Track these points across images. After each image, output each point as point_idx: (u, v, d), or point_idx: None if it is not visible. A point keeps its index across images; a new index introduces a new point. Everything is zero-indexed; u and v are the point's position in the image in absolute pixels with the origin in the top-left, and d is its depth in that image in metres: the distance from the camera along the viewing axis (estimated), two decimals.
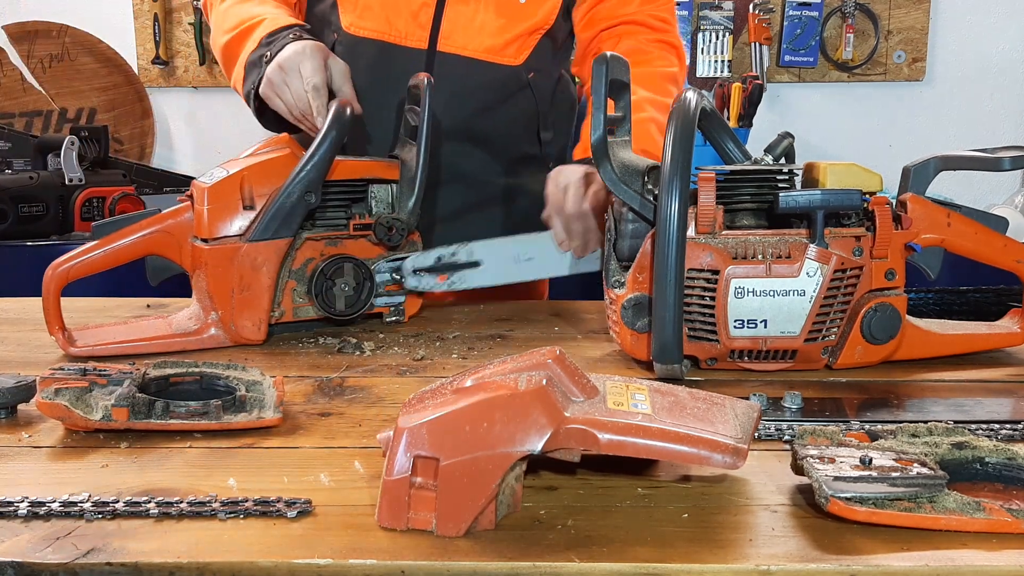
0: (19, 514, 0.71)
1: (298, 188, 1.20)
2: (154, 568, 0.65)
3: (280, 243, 1.21)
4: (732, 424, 0.74)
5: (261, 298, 1.21)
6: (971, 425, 0.90)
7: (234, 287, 1.20)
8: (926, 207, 1.10)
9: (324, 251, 1.27)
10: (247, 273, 1.20)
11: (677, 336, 1.01)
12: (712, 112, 1.17)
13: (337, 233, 1.27)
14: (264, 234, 1.20)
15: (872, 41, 3.33)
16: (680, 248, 0.99)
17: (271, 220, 1.20)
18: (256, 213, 1.20)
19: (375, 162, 1.33)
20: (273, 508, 0.72)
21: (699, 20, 3.32)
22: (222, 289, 1.20)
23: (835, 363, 1.08)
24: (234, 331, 1.21)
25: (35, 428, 0.92)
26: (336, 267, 1.26)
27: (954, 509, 0.69)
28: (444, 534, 0.69)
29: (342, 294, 1.27)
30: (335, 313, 1.27)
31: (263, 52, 1.40)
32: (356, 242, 1.29)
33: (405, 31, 1.51)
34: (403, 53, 1.51)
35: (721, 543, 0.68)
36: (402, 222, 1.28)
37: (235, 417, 0.91)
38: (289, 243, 1.22)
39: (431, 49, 1.51)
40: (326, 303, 1.26)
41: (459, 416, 0.69)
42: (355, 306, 1.29)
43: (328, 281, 1.26)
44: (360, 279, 1.29)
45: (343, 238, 1.28)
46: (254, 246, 1.20)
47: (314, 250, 1.26)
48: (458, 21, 1.51)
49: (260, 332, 1.22)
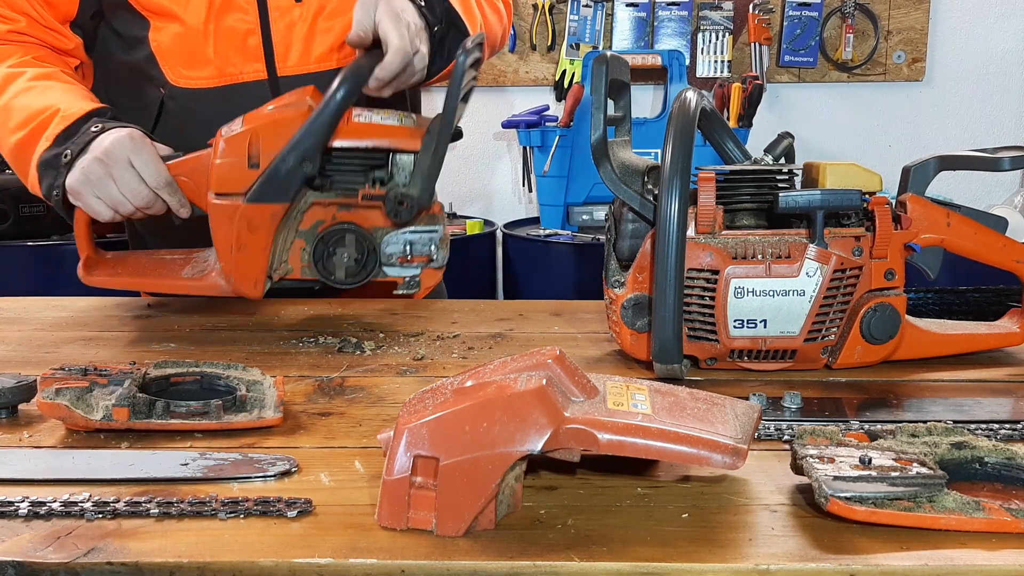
0: (20, 514, 0.71)
1: (292, 156, 1.17)
2: (154, 568, 0.65)
3: (276, 207, 1.18)
4: (732, 424, 0.74)
5: (257, 258, 1.20)
6: (970, 425, 0.90)
7: (232, 244, 1.19)
8: (926, 207, 1.10)
9: (337, 215, 1.23)
10: (243, 233, 1.19)
11: (677, 336, 1.01)
12: (712, 112, 1.17)
13: (348, 200, 1.23)
14: (260, 198, 1.18)
15: (872, 41, 3.34)
16: (680, 248, 0.99)
17: (266, 184, 1.17)
18: (259, 173, 1.18)
19: (398, 127, 1.23)
20: (273, 508, 0.72)
21: (699, 20, 3.32)
22: (223, 244, 1.20)
23: (835, 363, 1.08)
24: (233, 284, 1.22)
25: (36, 428, 0.92)
26: (338, 236, 1.23)
27: (953, 509, 0.69)
28: (444, 534, 0.69)
29: (342, 264, 1.24)
30: (335, 282, 1.24)
31: (61, 150, 1.26)
32: (370, 210, 1.24)
33: (240, 67, 1.42)
34: (244, 90, 1.41)
35: (721, 543, 0.68)
36: (413, 198, 1.21)
37: (235, 417, 0.91)
38: (285, 208, 1.19)
39: (272, 77, 1.43)
40: (326, 271, 1.24)
41: (459, 416, 0.69)
42: (357, 276, 1.25)
43: (329, 249, 1.23)
44: (364, 251, 1.25)
45: (355, 205, 1.23)
46: (251, 207, 1.18)
47: (326, 213, 1.23)
48: (288, 39, 1.42)
49: (257, 289, 1.22)
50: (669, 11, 3.31)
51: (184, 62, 1.42)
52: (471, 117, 3.32)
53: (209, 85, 1.42)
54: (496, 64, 3.34)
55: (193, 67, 1.42)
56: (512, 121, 3.01)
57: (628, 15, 3.32)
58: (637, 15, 3.31)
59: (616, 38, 3.33)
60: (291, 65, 1.43)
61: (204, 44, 1.40)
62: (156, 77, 1.44)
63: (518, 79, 3.37)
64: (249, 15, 1.40)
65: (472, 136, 3.27)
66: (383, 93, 1.28)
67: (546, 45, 3.33)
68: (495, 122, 3.24)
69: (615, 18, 3.32)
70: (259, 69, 1.42)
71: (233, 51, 1.41)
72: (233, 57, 1.41)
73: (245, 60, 1.42)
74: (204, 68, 1.42)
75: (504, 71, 3.36)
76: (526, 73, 3.36)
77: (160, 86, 1.44)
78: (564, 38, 3.31)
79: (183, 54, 1.42)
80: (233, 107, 1.34)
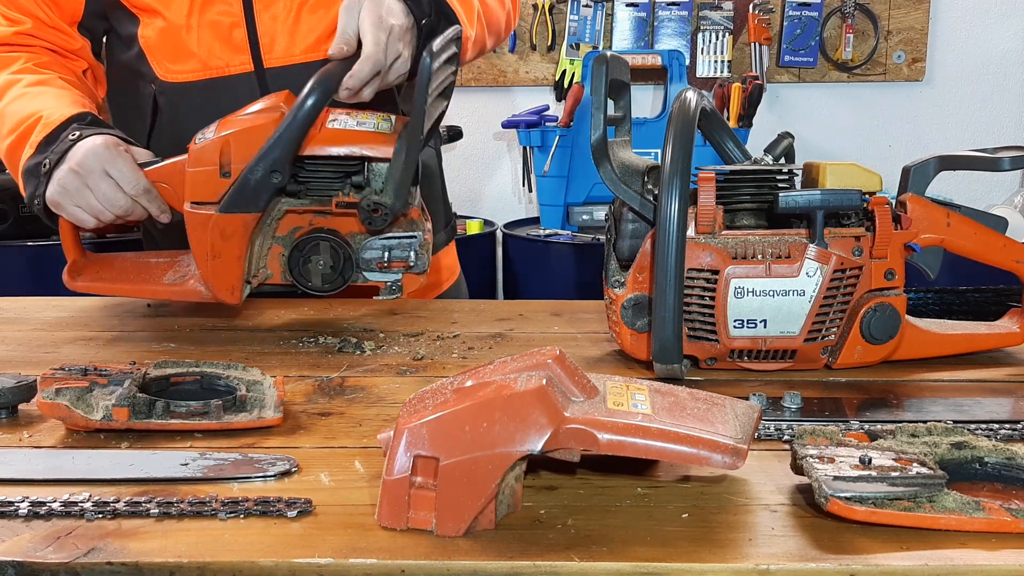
0: (20, 514, 0.72)
1: (261, 167, 1.15)
2: (154, 568, 0.65)
3: (247, 217, 1.17)
4: (732, 424, 0.74)
5: (232, 265, 1.19)
6: (970, 425, 0.90)
7: (208, 252, 1.19)
8: (926, 207, 1.10)
9: (313, 221, 1.22)
10: (217, 242, 1.18)
11: (677, 336, 1.01)
12: (712, 112, 1.17)
13: (323, 207, 1.21)
14: (231, 208, 1.17)
15: (872, 41, 3.33)
16: (680, 248, 0.99)
17: (236, 195, 1.16)
18: (230, 182, 1.17)
19: (371, 133, 1.21)
20: (273, 508, 0.72)
21: (699, 20, 3.32)
22: (199, 251, 1.19)
23: (835, 363, 1.08)
24: (211, 290, 1.21)
25: (36, 428, 0.92)
26: (312, 244, 1.22)
27: (953, 509, 0.69)
28: (444, 534, 0.69)
29: (318, 271, 1.23)
30: (311, 288, 1.23)
31: (41, 159, 1.27)
32: (346, 216, 1.22)
33: (226, 60, 1.41)
34: (231, 84, 1.41)
35: (721, 543, 0.68)
36: (386, 206, 1.18)
37: (235, 417, 0.91)
38: (257, 218, 1.18)
39: (258, 69, 1.42)
40: (302, 278, 1.23)
41: (459, 416, 0.69)
42: (333, 283, 1.23)
43: (304, 256, 1.22)
44: (340, 257, 1.23)
45: (331, 212, 1.22)
46: (223, 217, 1.17)
47: (302, 219, 1.22)
48: (273, 30, 1.41)
49: (234, 296, 1.21)
50: (669, 11, 3.31)
51: (169, 56, 1.43)
52: (471, 117, 3.32)
53: (195, 79, 1.43)
54: (496, 64, 3.34)
55: (178, 61, 1.42)
56: (512, 121, 3.01)
57: (628, 15, 3.32)
58: (637, 15, 3.31)
59: (616, 38, 3.33)
60: (277, 57, 1.42)
61: (187, 38, 1.41)
62: (147, 73, 1.45)
63: (518, 79, 3.37)
64: (233, 7, 1.41)
65: (472, 136, 3.27)
66: (360, 99, 1.26)
67: (546, 45, 3.33)
68: (495, 122, 3.24)
69: (615, 18, 3.32)
70: (245, 61, 1.42)
71: (218, 44, 1.41)
72: (218, 50, 1.42)
73: (231, 53, 1.42)
74: (188, 61, 1.42)
75: (504, 71, 3.36)
76: (526, 73, 3.36)
77: (151, 82, 1.45)
78: (564, 38, 3.31)
79: (168, 48, 1.42)
80: (221, 100, 1.36)
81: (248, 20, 1.41)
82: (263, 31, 1.42)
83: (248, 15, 1.41)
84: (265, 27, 1.42)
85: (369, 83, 1.24)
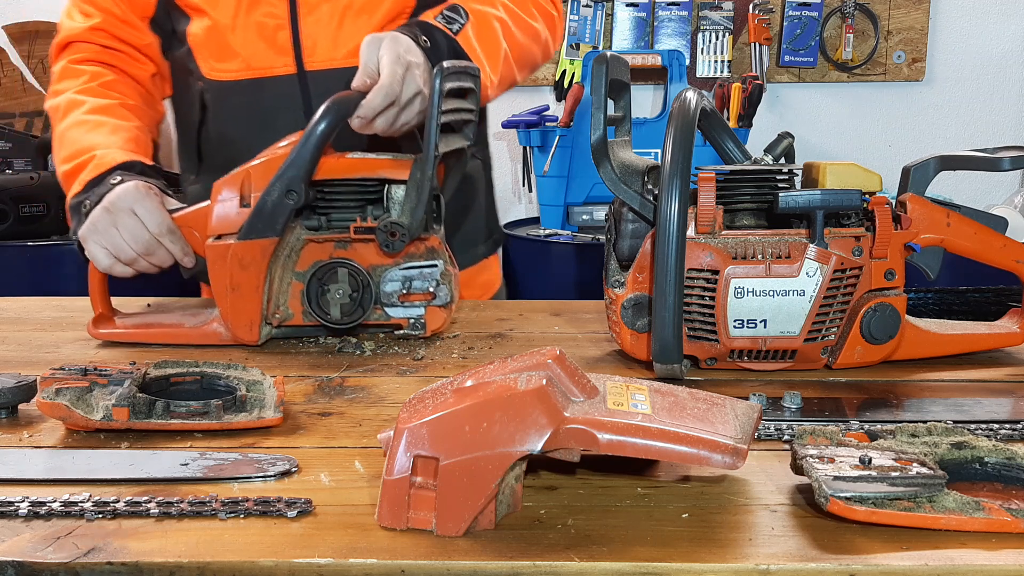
0: (20, 514, 0.72)
1: (277, 188, 1.16)
2: (154, 567, 0.65)
3: (265, 243, 1.18)
4: (732, 424, 0.74)
5: (251, 298, 1.19)
6: (970, 425, 0.90)
7: (227, 285, 1.19)
8: (926, 207, 1.10)
9: (333, 253, 1.22)
10: (236, 272, 1.19)
11: (677, 336, 1.01)
12: (712, 112, 1.17)
13: (343, 236, 1.22)
14: (249, 234, 1.18)
15: (872, 41, 3.33)
16: (680, 248, 0.99)
17: (254, 219, 1.17)
18: (249, 212, 1.18)
19: (388, 160, 1.23)
20: (273, 508, 0.72)
21: (699, 20, 3.32)
22: (219, 286, 1.20)
23: (835, 363, 1.08)
24: (231, 330, 1.21)
25: (36, 428, 0.92)
26: (330, 271, 1.22)
27: (953, 509, 0.69)
28: (444, 534, 0.69)
29: (337, 301, 1.22)
30: (330, 321, 1.22)
31: (83, 198, 1.31)
32: (366, 246, 1.22)
33: (268, 61, 1.43)
34: (273, 84, 1.44)
35: (721, 543, 0.68)
36: (404, 228, 1.18)
37: (235, 417, 0.91)
38: (275, 243, 1.18)
39: (300, 71, 1.44)
40: (321, 310, 1.22)
41: (459, 416, 0.69)
42: (352, 315, 1.22)
43: (322, 287, 1.22)
44: (358, 286, 1.22)
45: (350, 241, 1.22)
46: (241, 245, 1.18)
47: (323, 252, 1.22)
48: (317, 33, 1.43)
49: (252, 333, 1.21)
50: (669, 11, 3.31)
51: (215, 55, 1.46)
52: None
53: (238, 78, 1.45)
54: None
55: (223, 60, 1.45)
56: (512, 121, 3.01)
57: (628, 15, 3.32)
58: (637, 15, 3.31)
59: (616, 38, 3.33)
60: (319, 60, 1.44)
61: (232, 38, 1.43)
62: (194, 70, 1.48)
63: None
64: (278, 10, 1.43)
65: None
66: (372, 129, 1.25)
67: None
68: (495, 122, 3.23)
69: (615, 18, 3.32)
70: (288, 63, 1.44)
71: (262, 45, 1.44)
72: (261, 51, 1.44)
73: (274, 54, 1.44)
74: (232, 61, 1.45)
75: None
76: None
77: (199, 79, 1.48)
78: (564, 38, 3.31)
79: (213, 47, 1.45)
80: (263, 100, 1.41)
81: (292, 23, 1.43)
82: (306, 34, 1.43)
83: (293, 18, 1.43)
84: (308, 30, 1.44)
85: (382, 113, 1.23)
